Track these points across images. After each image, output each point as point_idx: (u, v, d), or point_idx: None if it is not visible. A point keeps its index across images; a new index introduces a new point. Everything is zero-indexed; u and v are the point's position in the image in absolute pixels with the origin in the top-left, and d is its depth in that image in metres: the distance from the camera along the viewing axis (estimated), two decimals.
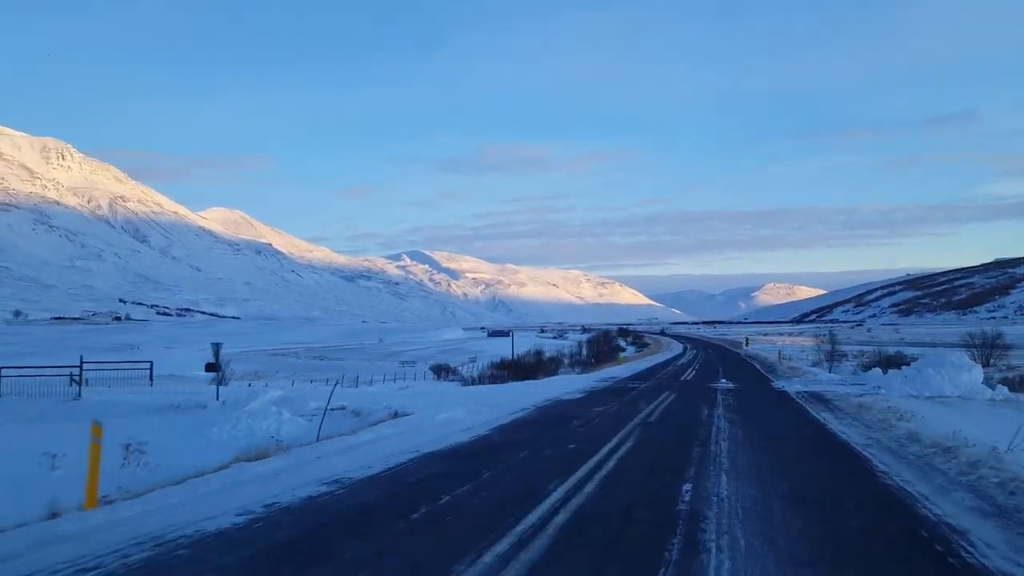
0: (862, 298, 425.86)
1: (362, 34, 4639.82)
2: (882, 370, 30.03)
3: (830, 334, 53.49)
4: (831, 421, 15.35)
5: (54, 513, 7.23)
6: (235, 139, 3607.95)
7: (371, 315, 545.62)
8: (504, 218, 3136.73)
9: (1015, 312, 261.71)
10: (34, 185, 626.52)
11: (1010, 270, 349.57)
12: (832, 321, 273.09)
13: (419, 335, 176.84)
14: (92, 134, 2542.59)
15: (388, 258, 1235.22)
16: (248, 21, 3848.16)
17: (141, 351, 56.59)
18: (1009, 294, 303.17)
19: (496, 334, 45.74)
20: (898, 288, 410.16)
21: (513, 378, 41.05)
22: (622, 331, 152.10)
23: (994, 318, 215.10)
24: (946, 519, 7.21)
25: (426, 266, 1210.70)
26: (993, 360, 42.57)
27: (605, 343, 76.05)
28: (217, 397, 22.22)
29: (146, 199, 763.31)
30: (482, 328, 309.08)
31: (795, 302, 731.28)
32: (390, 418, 10.72)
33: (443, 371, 52.53)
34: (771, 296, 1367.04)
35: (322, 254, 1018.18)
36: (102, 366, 31.38)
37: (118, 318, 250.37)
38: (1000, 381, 24.93)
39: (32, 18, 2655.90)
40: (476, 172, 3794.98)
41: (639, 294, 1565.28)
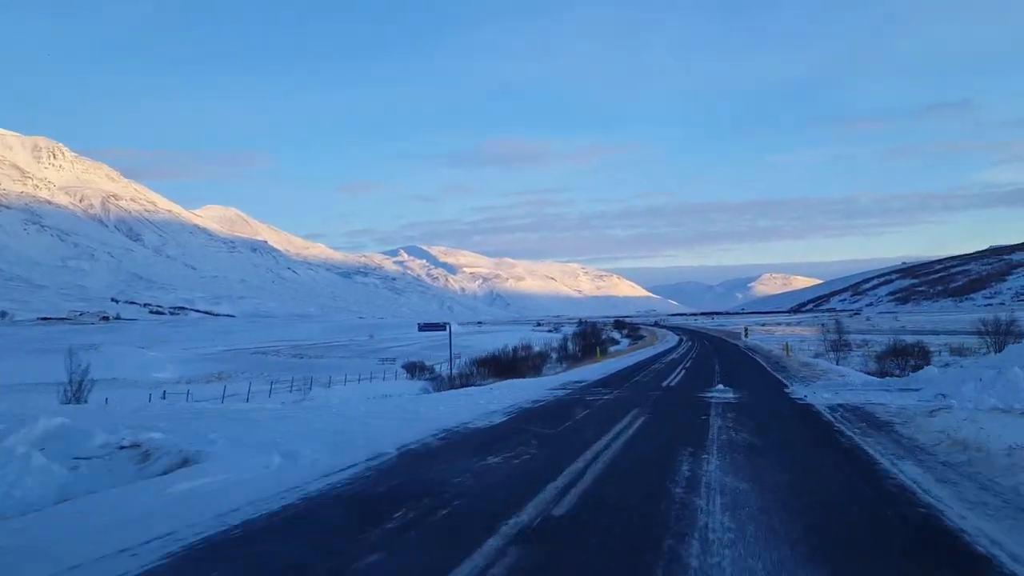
0: (859, 287, 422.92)
1: (361, 33, 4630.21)
2: (899, 364, 26.53)
3: (836, 322, 49.86)
4: (932, 490, 7.03)
5: None
6: (230, 136, 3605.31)
7: (368, 311, 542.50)
8: (502, 212, 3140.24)
9: (1012, 298, 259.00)
10: (25, 185, 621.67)
11: (1006, 256, 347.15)
12: (829, 310, 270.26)
13: (411, 331, 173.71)
14: (84, 133, 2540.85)
15: (385, 254, 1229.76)
16: (242, 18, 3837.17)
17: (101, 352, 53.15)
18: (1005, 280, 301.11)
19: (428, 327, 42.55)
20: (894, 276, 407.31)
21: (492, 376, 38.70)
22: (618, 323, 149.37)
23: (991, 304, 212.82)
24: None
25: (423, 261, 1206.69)
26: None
27: (592, 336, 72.86)
28: None
29: (139, 197, 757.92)
30: (479, 323, 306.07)
31: (792, 292, 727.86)
32: (178, 466, 7.23)
33: (417, 369, 49.67)
34: (768, 286, 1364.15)
35: (318, 251, 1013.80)
36: None
37: (106, 318, 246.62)
38: None
39: (23, 17, 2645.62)
40: (474, 167, 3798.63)
41: (637, 286, 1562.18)
